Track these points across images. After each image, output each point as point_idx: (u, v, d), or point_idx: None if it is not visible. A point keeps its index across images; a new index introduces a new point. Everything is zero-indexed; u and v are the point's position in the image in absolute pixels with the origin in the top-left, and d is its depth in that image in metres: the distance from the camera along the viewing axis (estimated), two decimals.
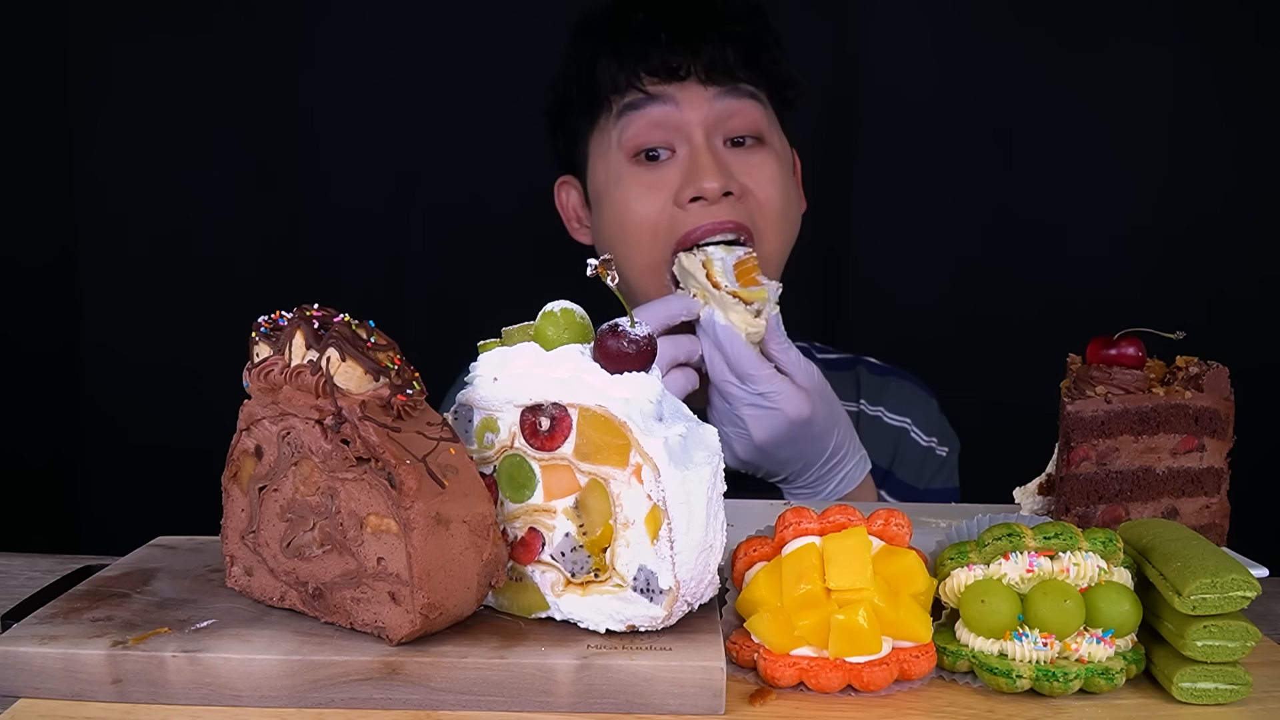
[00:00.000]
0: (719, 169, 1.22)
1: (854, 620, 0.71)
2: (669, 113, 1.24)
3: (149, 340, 1.78)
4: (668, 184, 1.24)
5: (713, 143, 1.24)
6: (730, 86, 1.24)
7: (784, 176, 1.28)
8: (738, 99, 1.25)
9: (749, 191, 1.24)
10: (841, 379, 1.41)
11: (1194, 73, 1.70)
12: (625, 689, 0.69)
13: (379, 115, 1.76)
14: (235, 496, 0.79)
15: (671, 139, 1.24)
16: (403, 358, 0.72)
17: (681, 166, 1.24)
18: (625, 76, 1.25)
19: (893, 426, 1.41)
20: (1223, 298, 1.71)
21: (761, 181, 1.25)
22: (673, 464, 0.70)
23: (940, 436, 1.40)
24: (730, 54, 1.24)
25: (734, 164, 1.24)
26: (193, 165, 1.76)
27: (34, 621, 0.74)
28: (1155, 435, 0.89)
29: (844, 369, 1.44)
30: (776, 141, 1.30)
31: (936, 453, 1.39)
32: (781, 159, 1.29)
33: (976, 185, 1.76)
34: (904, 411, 1.42)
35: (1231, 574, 0.70)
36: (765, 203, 1.25)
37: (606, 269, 0.74)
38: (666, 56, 1.23)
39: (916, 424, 1.41)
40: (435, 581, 0.69)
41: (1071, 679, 0.71)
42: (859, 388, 1.43)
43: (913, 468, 1.38)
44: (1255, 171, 1.72)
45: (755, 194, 1.24)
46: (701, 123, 1.24)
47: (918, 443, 1.40)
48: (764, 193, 1.25)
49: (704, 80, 1.24)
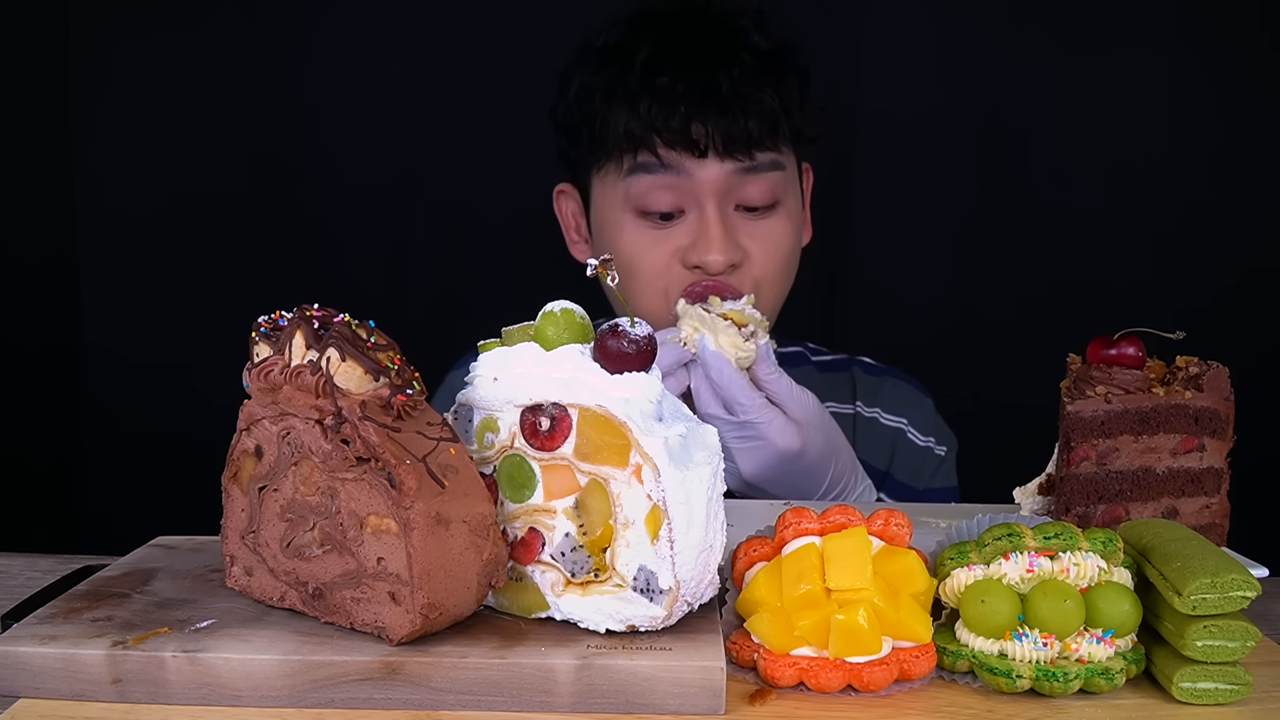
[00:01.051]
0: (725, 241, 1.19)
1: (854, 620, 0.71)
2: (681, 180, 1.20)
3: (149, 340, 1.78)
4: (674, 242, 1.22)
5: (724, 210, 1.21)
6: (748, 160, 1.19)
7: (793, 236, 1.26)
8: (754, 172, 1.20)
9: (751, 258, 1.22)
10: (836, 380, 1.41)
11: (1193, 74, 1.70)
12: (625, 689, 0.69)
13: (379, 115, 1.76)
14: (235, 496, 0.79)
15: (682, 202, 1.21)
16: (403, 358, 0.72)
17: (689, 229, 1.21)
18: (639, 138, 1.19)
19: (889, 427, 1.40)
20: (1223, 297, 1.71)
21: (769, 249, 1.23)
22: (673, 464, 0.70)
23: (938, 435, 1.40)
24: (753, 128, 1.18)
25: (742, 230, 1.22)
26: (193, 165, 1.76)
27: (34, 621, 0.74)
28: (1155, 435, 0.89)
29: (839, 370, 1.44)
30: (791, 198, 1.26)
31: (935, 452, 1.38)
32: (793, 216, 1.26)
33: (976, 185, 1.76)
34: (900, 412, 1.41)
35: (1231, 574, 0.70)
36: (767, 269, 1.23)
37: (606, 269, 0.74)
38: (685, 126, 1.17)
39: (913, 424, 1.40)
40: (435, 581, 0.69)
41: (1071, 679, 0.71)
42: (854, 389, 1.42)
43: (911, 468, 1.37)
44: (1256, 171, 1.72)
45: (758, 261, 1.23)
46: (714, 192, 1.20)
47: (914, 443, 1.39)
48: (768, 260, 1.23)
49: (721, 154, 1.19)
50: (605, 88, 1.22)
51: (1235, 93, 1.71)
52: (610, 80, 1.22)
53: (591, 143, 1.24)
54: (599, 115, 1.22)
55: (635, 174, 1.21)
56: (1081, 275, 1.74)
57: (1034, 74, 1.72)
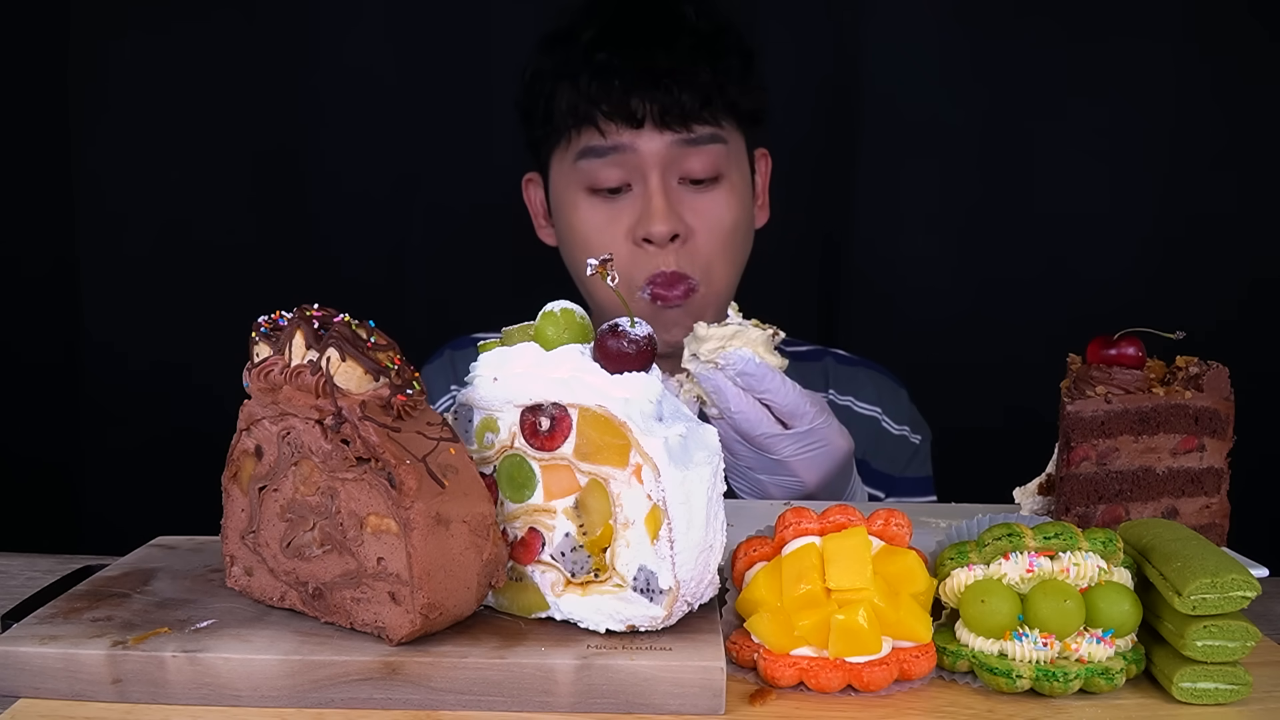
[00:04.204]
0: (668, 212, 1.24)
1: (854, 620, 0.71)
2: (626, 155, 1.25)
3: (149, 340, 1.78)
4: (622, 219, 1.26)
5: (667, 183, 1.25)
6: (686, 132, 1.25)
7: (737, 210, 1.30)
8: (694, 144, 1.25)
9: (695, 233, 1.27)
10: (810, 370, 1.43)
11: (1197, 73, 1.70)
12: (625, 689, 0.69)
13: (379, 114, 1.76)
14: (235, 496, 0.79)
15: (629, 176, 1.26)
16: (403, 358, 0.72)
17: (636, 204, 1.26)
18: (582, 113, 1.25)
19: (863, 415, 1.42)
20: (1223, 297, 1.71)
21: (711, 222, 1.27)
22: (673, 464, 0.70)
23: (912, 425, 1.42)
24: (687, 100, 1.23)
25: (686, 204, 1.26)
26: (192, 165, 1.76)
27: (34, 621, 0.74)
28: (1155, 435, 0.89)
29: (812, 360, 1.46)
30: (735, 172, 1.30)
31: (910, 440, 1.40)
32: (738, 191, 1.30)
33: (977, 183, 1.76)
34: (874, 401, 1.43)
35: (1231, 574, 0.70)
36: (712, 243, 1.27)
37: (606, 269, 0.74)
38: (623, 99, 1.23)
39: (887, 413, 1.42)
40: (435, 581, 0.69)
41: (1071, 679, 0.71)
42: (827, 378, 1.45)
43: (887, 455, 1.39)
44: (1256, 171, 1.71)
45: (702, 235, 1.27)
46: (657, 164, 1.25)
47: (889, 431, 1.41)
48: (712, 234, 1.27)
49: (659, 125, 1.24)
50: (553, 68, 1.29)
51: (1239, 91, 1.70)
52: (557, 62, 1.29)
53: (543, 122, 1.31)
54: (547, 94, 1.29)
55: (585, 158, 1.27)
56: (1082, 275, 1.74)
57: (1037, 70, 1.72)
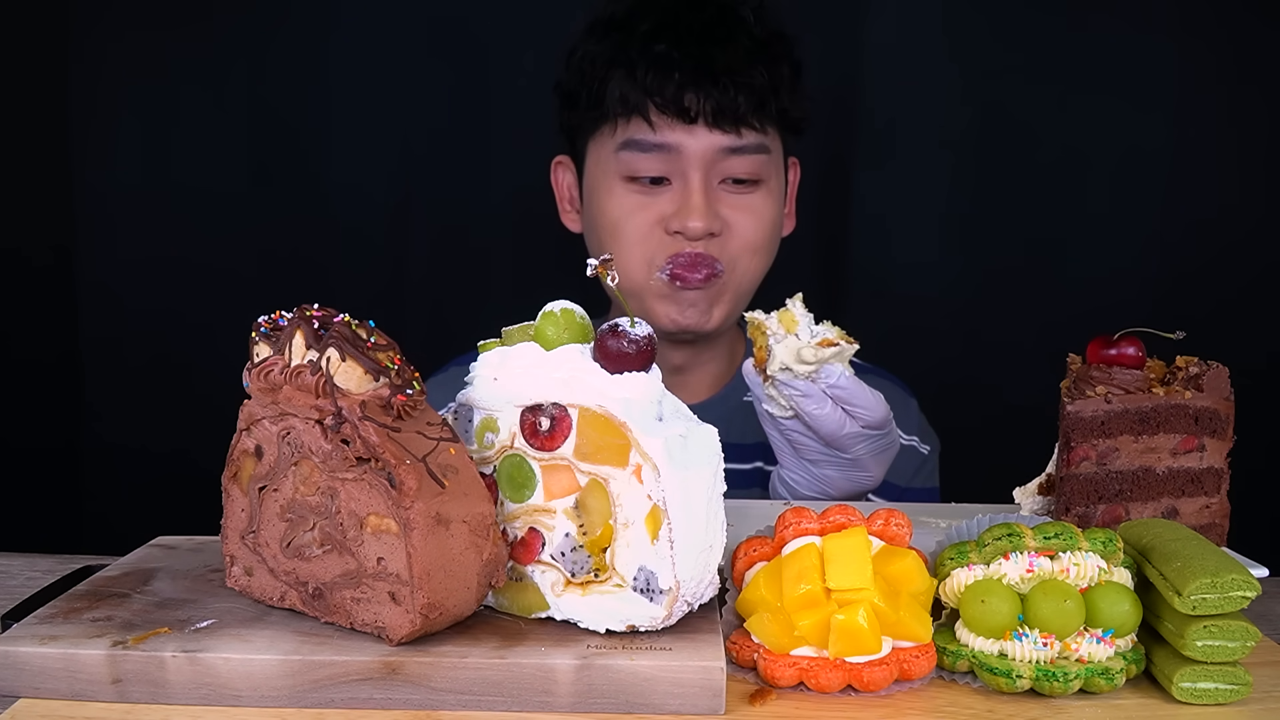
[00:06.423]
0: (707, 210, 1.25)
1: (854, 620, 0.71)
2: (670, 154, 1.25)
3: (149, 340, 1.78)
4: (659, 209, 1.27)
5: (708, 181, 1.26)
6: (735, 133, 1.25)
7: (772, 214, 1.31)
8: (741, 153, 1.26)
9: (731, 229, 1.27)
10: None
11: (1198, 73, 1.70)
12: (625, 689, 0.69)
13: (380, 115, 1.76)
14: (235, 496, 0.79)
15: (669, 170, 1.26)
16: (403, 358, 0.72)
17: (674, 197, 1.26)
18: (634, 103, 1.25)
19: None
20: (1223, 297, 1.71)
21: (748, 223, 1.28)
22: (673, 464, 0.70)
23: (921, 435, 1.41)
24: (742, 102, 1.23)
25: (724, 202, 1.27)
26: (192, 165, 1.76)
27: (34, 621, 0.74)
28: (1155, 435, 0.89)
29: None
30: (774, 179, 1.31)
31: (919, 450, 1.40)
32: (774, 196, 1.31)
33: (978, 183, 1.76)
34: None
35: (1231, 574, 0.70)
36: (744, 244, 1.28)
37: (607, 269, 0.74)
38: (678, 93, 1.23)
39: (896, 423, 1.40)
40: (435, 581, 0.69)
41: (1071, 679, 0.71)
42: None
43: (896, 466, 1.37)
44: (1257, 171, 1.71)
45: (738, 232, 1.28)
46: (701, 163, 1.25)
47: (899, 441, 1.39)
48: (746, 235, 1.28)
49: (710, 124, 1.24)
50: (606, 55, 1.28)
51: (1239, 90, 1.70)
52: (612, 49, 1.28)
53: (589, 107, 1.30)
54: (598, 79, 1.28)
55: (628, 149, 1.27)
56: (1082, 275, 1.74)
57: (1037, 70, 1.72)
